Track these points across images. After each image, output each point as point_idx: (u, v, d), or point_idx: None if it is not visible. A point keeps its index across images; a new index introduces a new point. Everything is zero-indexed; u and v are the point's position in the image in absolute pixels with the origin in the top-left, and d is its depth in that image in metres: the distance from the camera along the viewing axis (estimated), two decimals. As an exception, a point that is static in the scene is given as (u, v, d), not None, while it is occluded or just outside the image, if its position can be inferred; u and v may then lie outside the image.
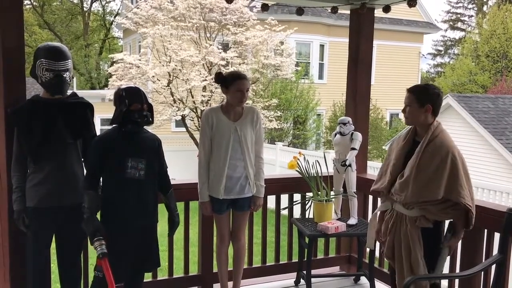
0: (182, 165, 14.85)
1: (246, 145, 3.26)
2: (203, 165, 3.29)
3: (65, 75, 2.84)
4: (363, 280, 3.96)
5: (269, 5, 4.02)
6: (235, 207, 3.38)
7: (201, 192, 3.31)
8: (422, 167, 2.65)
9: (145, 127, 2.94)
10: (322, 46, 18.77)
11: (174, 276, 3.73)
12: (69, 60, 2.89)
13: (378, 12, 4.09)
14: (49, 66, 2.80)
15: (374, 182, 2.97)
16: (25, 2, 29.81)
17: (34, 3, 31.96)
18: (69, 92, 3.02)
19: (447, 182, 2.59)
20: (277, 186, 3.93)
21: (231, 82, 3.21)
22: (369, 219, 4.11)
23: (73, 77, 2.99)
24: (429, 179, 2.61)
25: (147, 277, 3.44)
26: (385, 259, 3.04)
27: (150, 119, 2.86)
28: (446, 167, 2.59)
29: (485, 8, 34.22)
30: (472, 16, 36.77)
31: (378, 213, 2.98)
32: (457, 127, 12.03)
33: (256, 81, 14.08)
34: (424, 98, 2.70)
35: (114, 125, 2.84)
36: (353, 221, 3.74)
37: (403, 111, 2.78)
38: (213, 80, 3.43)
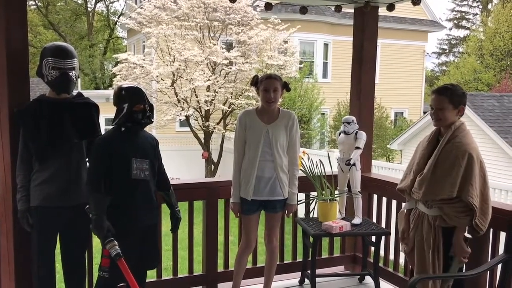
0: (186, 165, 14.89)
1: (276, 147, 3.25)
2: (237, 167, 3.32)
3: (71, 74, 2.85)
4: (368, 279, 3.95)
5: (273, 4, 4.02)
6: (266, 208, 3.37)
7: (233, 193, 3.35)
8: (438, 165, 2.66)
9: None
10: (326, 45, 18.73)
11: (179, 276, 3.73)
12: (75, 59, 2.89)
13: (382, 11, 4.08)
14: (55, 64, 2.80)
15: (400, 181, 3.00)
16: (30, 3, 29.93)
17: (39, 4, 32.07)
18: (75, 92, 3.03)
19: (461, 181, 2.58)
20: (281, 185, 3.92)
21: (259, 82, 3.27)
22: (374, 219, 4.11)
23: (78, 77, 2.99)
24: (443, 177, 2.62)
25: (152, 276, 3.44)
26: (405, 259, 3.06)
27: (152, 119, 2.86)
28: (462, 165, 2.58)
29: (490, 6, 34.04)
30: (477, 14, 36.58)
31: (405, 211, 2.99)
32: (462, 125, 11.96)
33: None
34: (457, 100, 2.68)
35: (113, 126, 2.82)
36: (357, 220, 3.73)
37: (434, 114, 2.73)
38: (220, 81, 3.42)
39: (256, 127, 3.27)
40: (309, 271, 3.66)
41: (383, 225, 3.94)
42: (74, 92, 3.02)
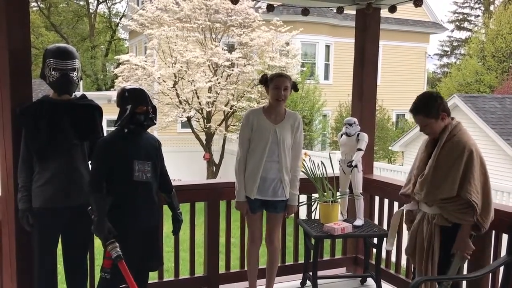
0: (187, 166, 14.88)
1: (283, 148, 3.26)
2: (241, 165, 3.31)
3: (72, 75, 2.85)
4: (370, 281, 3.94)
5: (275, 5, 4.02)
6: (268, 208, 3.38)
7: (239, 192, 3.33)
8: (439, 164, 2.67)
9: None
10: (327, 46, 18.73)
11: (180, 277, 3.73)
12: (76, 60, 2.89)
13: (384, 12, 4.08)
14: (56, 65, 2.81)
15: (403, 186, 3.01)
16: (32, 4, 29.97)
17: (41, 5, 32.14)
18: (78, 94, 3.03)
19: (461, 178, 2.59)
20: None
21: (270, 80, 3.27)
22: (375, 221, 4.10)
23: (81, 79, 3.00)
24: (445, 176, 2.64)
25: (153, 278, 3.44)
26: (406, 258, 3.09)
27: (154, 121, 2.86)
28: (462, 163, 2.60)
29: (491, 7, 34.01)
30: (478, 16, 36.57)
31: (405, 211, 3.00)
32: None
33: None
34: (435, 111, 2.69)
35: (116, 127, 2.82)
36: (359, 222, 3.73)
37: (422, 131, 2.78)
38: (220, 81, 3.42)
39: (264, 127, 3.26)
40: (310, 273, 3.66)
41: (385, 226, 3.93)
42: (78, 94, 3.03)
